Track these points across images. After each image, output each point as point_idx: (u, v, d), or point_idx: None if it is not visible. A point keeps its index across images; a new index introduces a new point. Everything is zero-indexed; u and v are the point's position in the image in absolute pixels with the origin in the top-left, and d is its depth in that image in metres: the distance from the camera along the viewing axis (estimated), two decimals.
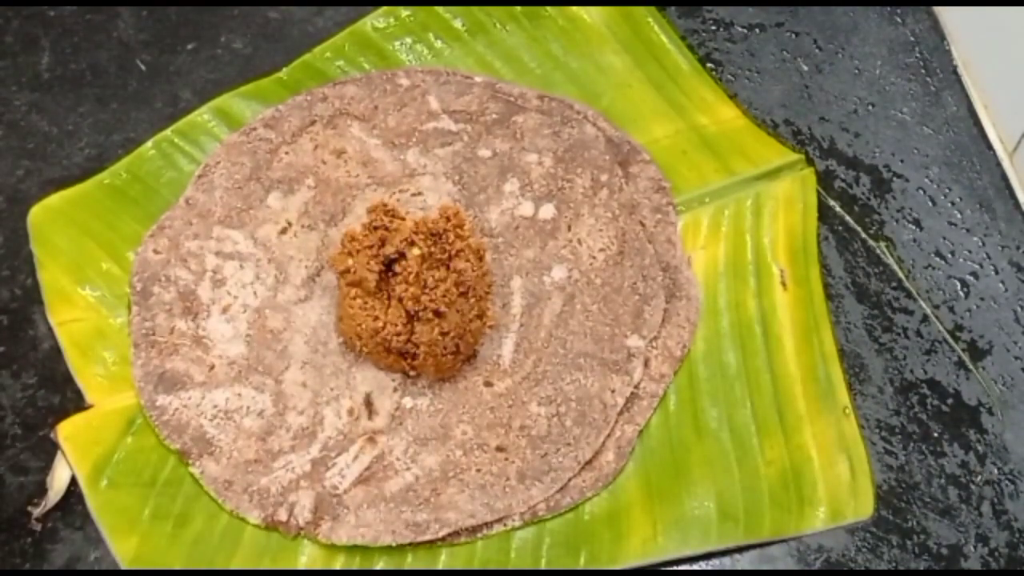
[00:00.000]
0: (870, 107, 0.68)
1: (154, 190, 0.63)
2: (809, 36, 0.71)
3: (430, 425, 0.56)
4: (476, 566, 0.54)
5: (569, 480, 0.55)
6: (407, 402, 0.57)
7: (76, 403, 0.58)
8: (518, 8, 0.70)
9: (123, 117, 0.67)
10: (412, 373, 0.57)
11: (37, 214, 0.62)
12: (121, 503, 0.54)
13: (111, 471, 0.55)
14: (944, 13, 0.71)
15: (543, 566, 0.54)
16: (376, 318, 0.54)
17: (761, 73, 0.69)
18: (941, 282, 0.62)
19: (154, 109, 0.67)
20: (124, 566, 0.53)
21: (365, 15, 0.69)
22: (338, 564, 0.54)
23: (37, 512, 0.55)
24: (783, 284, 0.61)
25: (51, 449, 0.56)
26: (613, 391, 0.57)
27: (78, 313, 0.60)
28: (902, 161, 0.66)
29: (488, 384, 0.57)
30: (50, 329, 0.59)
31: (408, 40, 0.69)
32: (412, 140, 0.64)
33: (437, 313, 0.54)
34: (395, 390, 0.57)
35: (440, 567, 0.54)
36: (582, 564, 0.54)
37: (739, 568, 0.55)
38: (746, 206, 0.64)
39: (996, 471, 0.57)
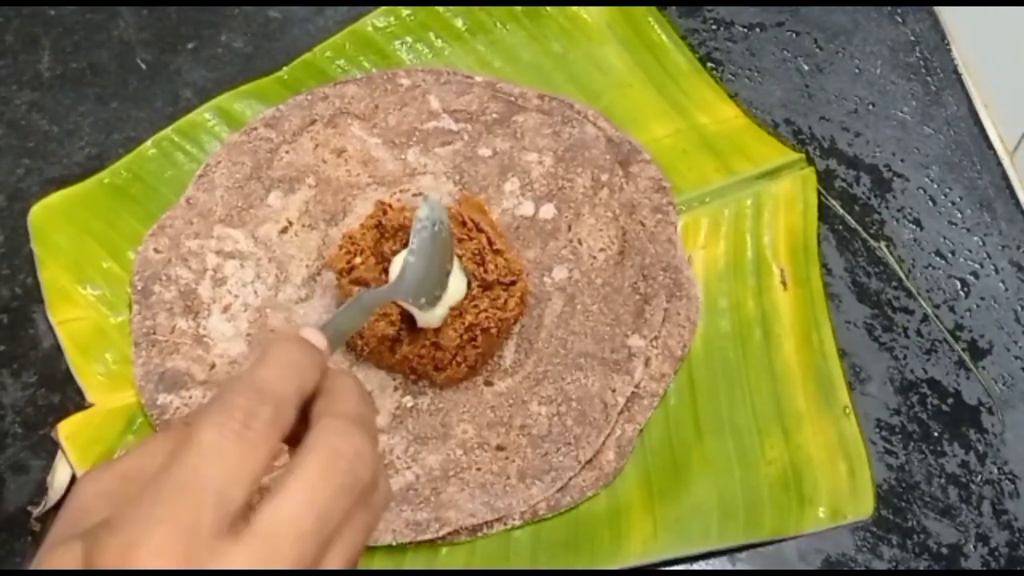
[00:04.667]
0: (870, 107, 0.68)
1: (154, 189, 0.63)
2: (809, 36, 0.71)
3: (431, 424, 0.56)
4: (476, 565, 0.54)
5: (569, 479, 0.55)
6: (408, 401, 0.57)
7: (76, 402, 0.58)
8: (519, 7, 0.70)
9: (123, 116, 0.67)
10: (413, 376, 0.57)
11: (37, 213, 0.62)
12: None
13: None
14: (944, 13, 0.71)
15: (543, 565, 0.54)
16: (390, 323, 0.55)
17: (761, 73, 0.69)
18: (941, 282, 0.62)
19: (154, 108, 0.67)
20: None
21: (365, 14, 0.69)
22: None
23: (37, 512, 0.55)
24: (783, 284, 0.61)
25: (51, 448, 0.56)
26: (614, 391, 0.57)
27: (78, 312, 0.60)
28: (902, 161, 0.66)
29: (489, 383, 0.57)
30: (50, 328, 0.59)
31: (408, 39, 0.69)
32: (412, 139, 0.64)
33: (485, 330, 0.55)
34: (396, 389, 0.57)
35: (440, 566, 0.54)
36: (582, 564, 0.54)
37: (739, 568, 0.55)
38: (746, 206, 0.64)
39: (996, 471, 0.57)
